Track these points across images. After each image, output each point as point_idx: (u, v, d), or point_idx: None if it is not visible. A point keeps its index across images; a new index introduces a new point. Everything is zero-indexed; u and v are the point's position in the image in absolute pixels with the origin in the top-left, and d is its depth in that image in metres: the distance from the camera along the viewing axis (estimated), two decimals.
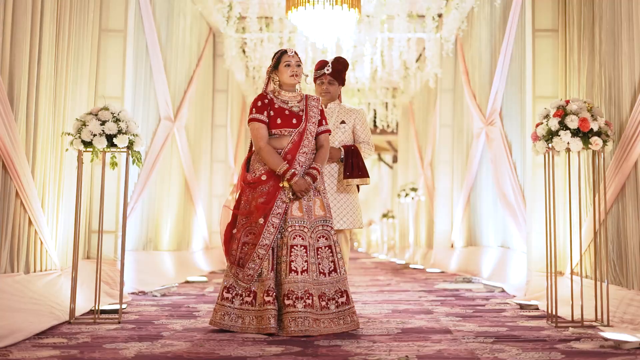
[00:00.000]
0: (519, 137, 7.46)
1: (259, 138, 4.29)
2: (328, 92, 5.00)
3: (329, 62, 5.00)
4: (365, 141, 5.01)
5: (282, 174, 4.22)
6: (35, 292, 4.71)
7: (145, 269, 7.38)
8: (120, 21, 6.33)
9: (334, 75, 4.99)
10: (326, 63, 5.00)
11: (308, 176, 4.27)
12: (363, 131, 5.02)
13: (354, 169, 4.84)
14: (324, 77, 4.99)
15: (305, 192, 4.24)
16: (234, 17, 9.82)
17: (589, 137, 4.49)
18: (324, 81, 5.00)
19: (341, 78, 5.05)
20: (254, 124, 4.32)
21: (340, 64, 5.01)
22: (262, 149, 4.28)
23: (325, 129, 4.47)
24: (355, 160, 4.85)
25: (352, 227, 4.84)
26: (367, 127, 5.07)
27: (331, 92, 5.00)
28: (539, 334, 4.12)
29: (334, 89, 5.03)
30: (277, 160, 4.24)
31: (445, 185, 11.46)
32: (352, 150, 4.88)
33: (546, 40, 6.31)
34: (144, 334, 4.11)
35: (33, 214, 4.74)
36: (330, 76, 4.98)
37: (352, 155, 4.87)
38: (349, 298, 4.27)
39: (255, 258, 4.17)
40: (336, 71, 4.99)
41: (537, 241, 6.11)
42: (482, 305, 5.77)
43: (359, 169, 4.84)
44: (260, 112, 4.33)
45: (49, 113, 5.06)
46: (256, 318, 4.11)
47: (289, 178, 4.20)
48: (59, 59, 5.22)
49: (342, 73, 5.03)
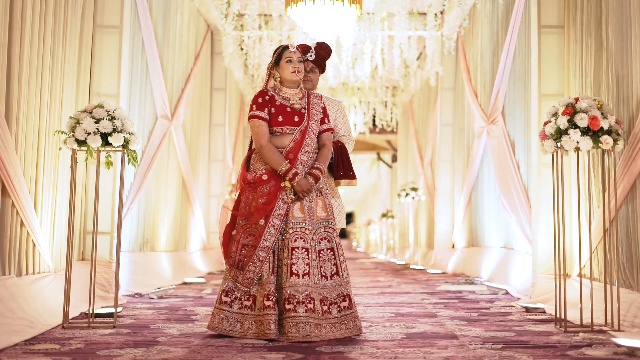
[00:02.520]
0: (522, 136, 7.32)
1: (260, 136, 4.14)
2: (309, 80, 4.54)
3: (311, 47, 4.55)
4: (346, 134, 4.63)
5: (283, 174, 4.07)
6: (28, 296, 4.58)
7: (142, 270, 7.24)
8: (115, 17, 6.17)
9: (317, 62, 4.56)
10: (309, 48, 4.54)
11: (310, 176, 4.12)
12: (343, 125, 4.63)
13: (346, 168, 4.48)
14: (306, 64, 4.53)
15: (307, 193, 4.09)
16: (232, 14, 9.65)
17: (599, 135, 4.35)
18: (305, 68, 4.53)
19: (323, 65, 4.62)
20: (254, 121, 4.17)
21: (324, 49, 4.58)
22: (263, 147, 4.13)
23: (328, 127, 4.31)
24: (344, 158, 4.50)
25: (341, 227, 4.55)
26: (346, 120, 4.70)
27: (312, 80, 4.56)
28: (549, 340, 3.98)
29: (315, 77, 4.59)
30: (278, 159, 4.09)
31: (446, 184, 11.34)
32: (340, 147, 4.51)
33: (552, 37, 6.17)
34: (139, 339, 3.97)
35: (25, 215, 4.61)
36: (312, 63, 4.54)
37: (342, 154, 4.50)
38: (352, 302, 4.12)
39: (255, 261, 4.02)
40: (320, 57, 4.56)
41: (542, 242, 5.97)
42: (486, 308, 5.64)
43: (350, 169, 4.49)
44: (261, 109, 4.18)
45: (42, 111, 4.92)
46: (255, 323, 3.97)
47: (290, 178, 4.06)
48: (52, 56, 5.08)
49: (324, 60, 4.60)
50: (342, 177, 4.45)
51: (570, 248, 5.63)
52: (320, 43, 4.60)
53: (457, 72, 11.06)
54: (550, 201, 5.76)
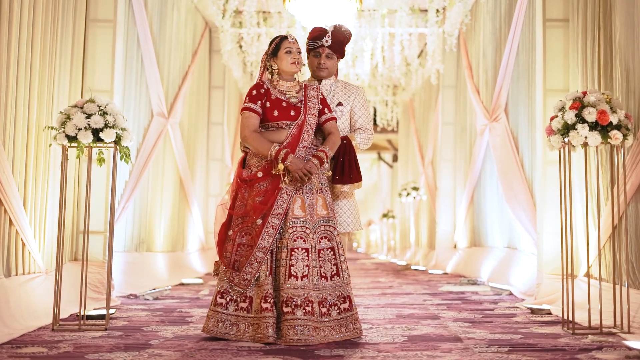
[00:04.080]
0: (526, 133, 7.17)
1: (245, 126, 3.94)
2: (325, 68, 4.14)
3: (328, 31, 4.11)
4: (363, 127, 4.16)
5: (275, 156, 3.84)
6: (17, 297, 4.43)
7: (137, 271, 7.09)
8: (109, 11, 6.02)
9: (334, 48, 4.12)
10: (325, 32, 4.10)
11: (315, 158, 3.90)
12: (362, 114, 4.18)
13: (345, 171, 4.02)
14: (322, 49, 4.12)
15: (304, 174, 3.82)
16: (231, 10, 9.49)
17: (608, 130, 4.19)
18: (320, 53, 4.14)
19: (341, 51, 4.16)
20: (244, 112, 3.99)
21: (342, 34, 4.13)
22: (248, 137, 3.92)
23: (330, 116, 4.07)
24: (347, 158, 4.04)
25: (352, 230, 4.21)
26: (367, 109, 4.21)
27: (329, 68, 4.14)
28: (557, 342, 3.82)
29: (332, 64, 4.16)
30: (266, 144, 3.87)
31: (448, 184, 11.19)
32: (344, 146, 4.06)
33: (557, 31, 6.00)
34: (131, 342, 3.81)
35: (14, 214, 4.45)
36: (329, 49, 4.12)
37: (345, 153, 4.05)
38: (352, 304, 3.96)
39: (252, 261, 3.85)
40: (337, 42, 4.11)
41: (548, 242, 5.80)
42: (490, 309, 5.48)
43: (351, 171, 4.02)
44: (254, 102, 4.00)
45: (32, 107, 4.77)
46: (252, 325, 3.81)
47: (283, 158, 3.82)
48: (42, 50, 4.93)
49: (343, 45, 4.15)
50: (338, 181, 4.03)
51: (577, 247, 5.47)
52: (339, 26, 4.17)
53: (458, 70, 10.91)
54: (556, 199, 5.62)
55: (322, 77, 4.19)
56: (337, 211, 4.16)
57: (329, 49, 4.12)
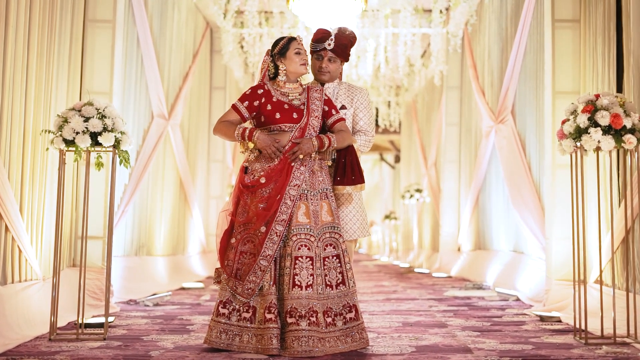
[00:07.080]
0: (534, 136, 7.04)
1: (220, 119, 3.93)
2: (327, 72, 4.02)
3: (331, 33, 3.99)
4: (364, 129, 4.06)
5: (241, 137, 3.82)
6: (13, 305, 4.30)
7: (137, 276, 6.97)
8: (108, 11, 5.87)
9: (337, 51, 4.00)
10: (328, 35, 3.99)
11: (316, 139, 3.82)
12: (364, 115, 4.07)
13: (347, 172, 3.89)
14: (324, 52, 4.01)
15: (273, 150, 3.78)
16: (232, 10, 9.36)
17: (622, 134, 4.06)
18: (322, 56, 4.03)
19: (345, 54, 4.04)
20: (230, 108, 3.95)
21: (346, 37, 4.00)
22: (215, 127, 3.92)
23: (338, 117, 3.95)
24: (349, 159, 3.90)
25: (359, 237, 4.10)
26: (370, 112, 4.09)
27: (331, 72, 4.03)
28: (570, 354, 3.70)
29: (335, 68, 4.04)
30: (232, 128, 3.85)
31: (452, 186, 11.06)
32: (346, 147, 3.93)
33: (566, 32, 5.86)
34: (130, 353, 3.69)
35: (10, 220, 4.32)
36: (331, 52, 4.00)
37: (347, 154, 3.92)
38: (358, 313, 3.83)
39: (256, 270, 3.72)
40: (340, 46, 3.99)
41: (557, 247, 5.66)
42: (498, 316, 5.35)
43: (353, 172, 3.89)
44: (242, 101, 3.92)
45: (28, 110, 4.64)
46: (255, 336, 3.68)
47: (248, 136, 3.79)
48: (39, 51, 4.80)
49: (347, 49, 4.02)
50: (340, 182, 3.91)
51: (587, 252, 5.33)
52: (343, 29, 4.05)
53: (462, 70, 10.78)
54: (566, 203, 5.47)
55: (324, 80, 4.09)
56: (344, 217, 4.03)
57: (332, 52, 4.01)
